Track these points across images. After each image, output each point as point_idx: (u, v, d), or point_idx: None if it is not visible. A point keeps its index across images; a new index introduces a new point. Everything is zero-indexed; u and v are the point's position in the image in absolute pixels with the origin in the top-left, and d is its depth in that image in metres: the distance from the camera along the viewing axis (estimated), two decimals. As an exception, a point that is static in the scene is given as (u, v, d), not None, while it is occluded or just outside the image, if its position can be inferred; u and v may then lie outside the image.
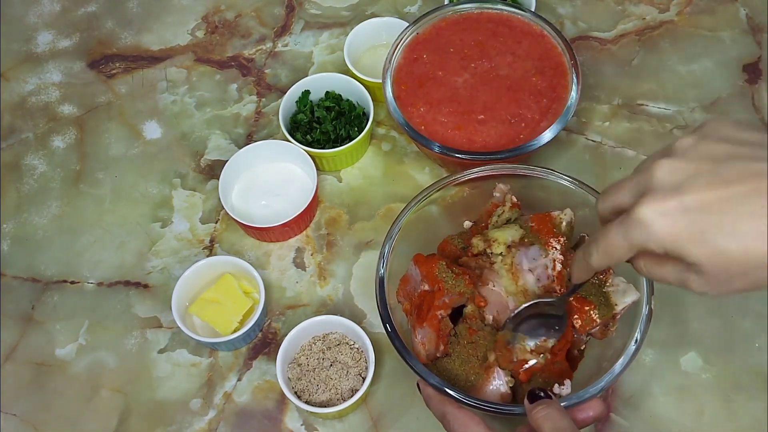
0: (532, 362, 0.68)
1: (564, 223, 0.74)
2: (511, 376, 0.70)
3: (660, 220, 0.49)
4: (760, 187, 0.47)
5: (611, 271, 0.72)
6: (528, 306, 0.69)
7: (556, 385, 0.69)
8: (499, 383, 0.69)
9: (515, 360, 0.68)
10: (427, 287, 0.72)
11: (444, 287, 0.71)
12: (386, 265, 0.74)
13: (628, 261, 0.54)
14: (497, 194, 0.78)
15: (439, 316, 0.71)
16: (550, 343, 0.68)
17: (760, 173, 0.48)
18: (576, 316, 0.71)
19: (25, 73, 1.05)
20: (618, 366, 0.68)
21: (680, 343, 0.82)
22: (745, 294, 0.83)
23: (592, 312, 0.70)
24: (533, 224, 0.74)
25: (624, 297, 0.70)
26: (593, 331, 0.71)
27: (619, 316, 0.71)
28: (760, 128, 0.52)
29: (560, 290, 0.71)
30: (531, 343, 0.69)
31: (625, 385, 0.80)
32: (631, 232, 0.51)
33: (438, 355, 0.71)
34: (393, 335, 0.70)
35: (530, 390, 0.64)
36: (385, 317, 0.71)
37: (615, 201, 0.54)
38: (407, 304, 0.75)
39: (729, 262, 0.48)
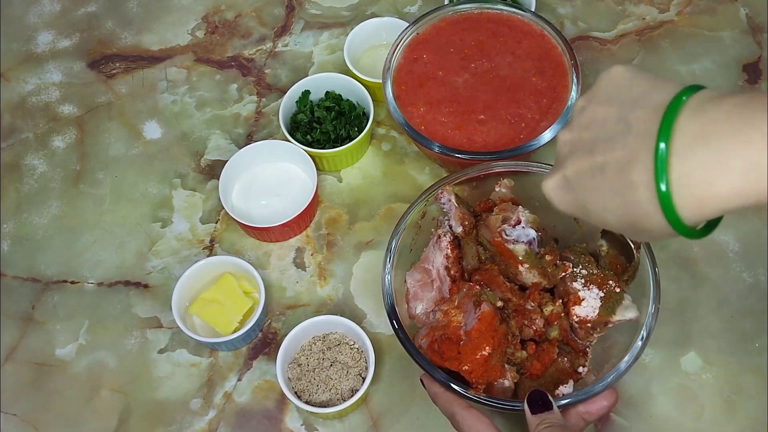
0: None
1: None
2: (516, 372, 0.70)
3: (553, 194, 0.54)
4: (618, 159, 0.47)
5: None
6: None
7: (561, 386, 0.69)
8: (503, 380, 0.69)
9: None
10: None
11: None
12: (393, 260, 0.74)
13: None
14: (502, 189, 0.78)
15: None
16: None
17: (622, 146, 0.47)
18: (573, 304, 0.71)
19: (25, 73, 1.05)
20: (624, 363, 0.68)
21: (680, 343, 0.82)
22: (746, 294, 0.83)
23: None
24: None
25: (624, 312, 0.71)
26: (581, 328, 0.71)
27: (610, 326, 0.71)
28: (648, 75, 0.49)
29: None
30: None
31: (626, 385, 0.79)
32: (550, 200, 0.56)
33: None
34: (399, 330, 0.70)
35: (529, 394, 0.64)
36: (391, 313, 0.71)
37: None
38: None
39: (618, 227, 0.50)
